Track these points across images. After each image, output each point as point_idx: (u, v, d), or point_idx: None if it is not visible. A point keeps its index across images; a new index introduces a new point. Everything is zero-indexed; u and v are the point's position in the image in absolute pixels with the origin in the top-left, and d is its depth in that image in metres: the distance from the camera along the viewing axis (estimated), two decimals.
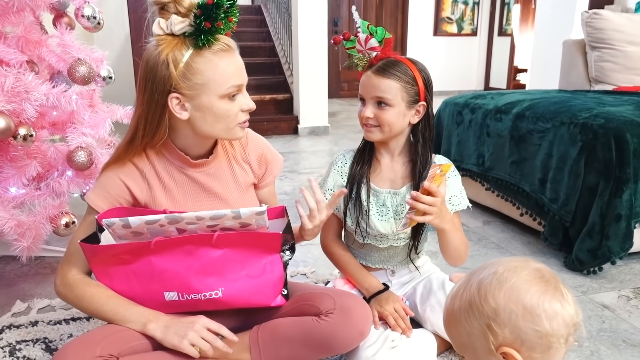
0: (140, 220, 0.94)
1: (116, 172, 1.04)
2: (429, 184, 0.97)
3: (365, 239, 1.21)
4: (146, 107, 0.96)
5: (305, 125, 4.70)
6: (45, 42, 1.72)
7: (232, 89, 0.96)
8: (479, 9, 8.15)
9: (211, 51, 0.94)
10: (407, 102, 1.11)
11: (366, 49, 1.12)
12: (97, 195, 1.04)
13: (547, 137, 1.86)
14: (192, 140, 1.04)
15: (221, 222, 0.97)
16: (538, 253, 1.91)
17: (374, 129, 1.13)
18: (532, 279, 0.61)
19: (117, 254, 0.99)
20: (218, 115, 0.97)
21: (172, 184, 1.07)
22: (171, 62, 0.92)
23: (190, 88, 0.94)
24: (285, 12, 5.03)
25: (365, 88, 1.13)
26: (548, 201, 1.84)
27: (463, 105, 2.38)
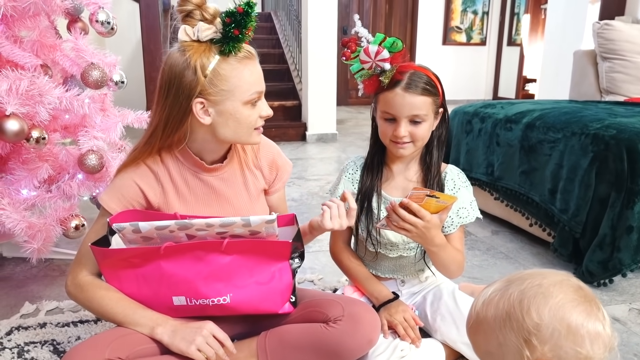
0: (151, 225, 0.95)
1: (131, 174, 1.05)
2: (408, 201, 0.97)
3: (377, 248, 1.20)
4: (168, 110, 0.98)
5: (313, 132, 4.71)
6: (59, 46, 1.74)
7: (255, 96, 0.99)
8: (488, 19, 8.15)
9: (236, 58, 0.96)
10: (434, 113, 1.11)
11: (376, 60, 1.10)
12: (110, 197, 1.04)
13: (557, 147, 1.85)
14: (209, 145, 1.05)
15: (231, 229, 0.97)
16: (548, 264, 1.90)
17: (407, 145, 1.11)
18: (578, 297, 0.60)
19: (127, 258, 1.00)
20: (240, 121, 0.99)
21: (185, 188, 1.08)
22: (199, 68, 0.94)
23: (216, 94, 0.96)
24: (295, 19, 5.06)
25: (399, 107, 1.07)
26: (558, 212, 1.83)
27: (473, 114, 2.37)
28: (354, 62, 1.13)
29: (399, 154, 1.13)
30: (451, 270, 1.13)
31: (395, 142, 1.11)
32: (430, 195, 0.96)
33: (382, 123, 1.13)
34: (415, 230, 1.00)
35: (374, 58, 1.09)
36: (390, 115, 1.10)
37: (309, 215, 2.45)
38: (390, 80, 1.08)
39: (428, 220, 0.99)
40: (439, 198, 0.97)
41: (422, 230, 1.00)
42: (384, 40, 1.09)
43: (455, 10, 8.01)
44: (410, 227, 0.99)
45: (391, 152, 1.15)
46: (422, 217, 0.98)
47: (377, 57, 1.08)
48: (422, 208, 0.98)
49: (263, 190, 1.17)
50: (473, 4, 8.10)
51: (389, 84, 1.09)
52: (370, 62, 1.10)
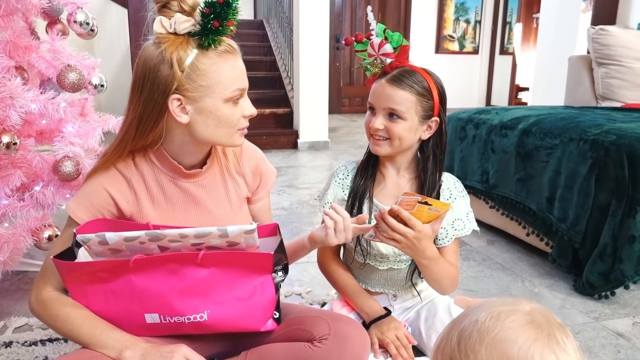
0: (118, 236, 0.87)
1: (100, 180, 0.96)
2: (398, 209, 0.89)
3: (366, 259, 1.12)
4: (142, 108, 0.90)
5: (305, 140, 4.64)
6: (35, 48, 1.66)
7: (237, 93, 0.92)
8: (480, 28, 8.17)
9: (216, 52, 0.89)
10: (420, 117, 1.04)
11: (379, 54, 1.05)
12: (78, 205, 0.96)
13: (555, 153, 1.78)
14: (187, 147, 0.97)
15: (207, 240, 0.89)
16: (545, 275, 1.83)
17: (382, 142, 1.05)
18: (520, 326, 0.50)
19: (94, 272, 0.91)
20: (221, 120, 0.92)
21: (161, 196, 1.00)
22: (175, 61, 0.87)
23: (194, 90, 0.89)
24: (287, 26, 5.02)
25: (376, 97, 1.04)
26: (556, 221, 1.76)
27: (467, 121, 2.31)
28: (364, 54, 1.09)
29: (374, 150, 1.08)
30: (444, 286, 1.06)
31: (372, 136, 1.07)
32: (423, 202, 0.88)
33: (367, 114, 1.09)
34: (405, 240, 0.92)
35: (377, 51, 1.05)
36: (371, 105, 1.07)
37: (298, 225, 2.37)
38: (382, 71, 1.05)
39: (419, 230, 0.91)
40: (431, 205, 0.89)
41: (412, 241, 0.92)
42: (384, 31, 1.05)
43: (448, 19, 8.03)
44: (399, 237, 0.92)
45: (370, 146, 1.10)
46: (413, 226, 0.91)
47: (380, 51, 1.04)
48: (413, 217, 0.90)
49: (246, 199, 1.10)
50: (465, 13, 8.12)
51: (379, 75, 1.05)
52: (375, 56, 1.06)
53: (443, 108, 1.06)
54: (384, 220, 0.90)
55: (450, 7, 8.02)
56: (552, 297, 1.66)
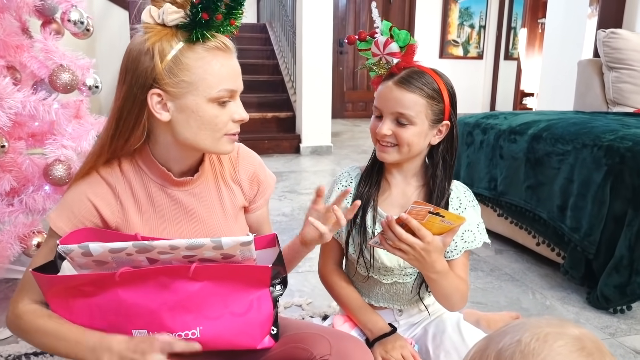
0: (103, 248, 0.80)
1: (83, 188, 0.89)
2: (407, 217, 0.81)
3: (369, 271, 1.05)
4: (122, 102, 0.84)
5: (307, 145, 4.58)
6: (28, 47, 1.60)
7: (224, 93, 0.84)
8: (485, 33, 8.11)
9: (205, 47, 0.82)
10: (430, 121, 0.97)
11: (384, 53, 0.97)
12: (59, 215, 0.89)
13: (567, 160, 1.71)
14: (172, 150, 0.90)
15: (200, 252, 0.82)
16: (557, 287, 1.75)
17: (390, 149, 0.98)
18: (569, 352, 0.45)
19: (77, 286, 0.84)
20: (204, 121, 0.84)
21: (149, 205, 0.93)
22: (157, 53, 0.80)
23: (175, 85, 0.82)
24: (290, 30, 4.97)
25: (384, 101, 0.96)
26: (569, 230, 1.69)
27: (474, 125, 2.24)
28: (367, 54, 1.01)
29: (381, 157, 1.00)
30: (453, 302, 0.98)
31: (379, 142, 0.99)
32: (435, 212, 0.81)
33: (372, 119, 1.01)
34: (413, 252, 0.85)
35: (382, 50, 0.97)
36: (377, 111, 0.99)
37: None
38: (389, 72, 0.97)
39: (429, 241, 0.84)
40: (444, 217, 0.82)
41: (420, 253, 0.85)
42: (390, 29, 0.97)
43: (452, 24, 7.97)
44: (407, 247, 0.84)
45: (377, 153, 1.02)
46: (422, 237, 0.83)
47: (386, 50, 0.97)
48: (423, 227, 0.83)
49: (242, 208, 1.03)
50: (470, 18, 8.07)
51: (386, 77, 0.97)
52: (379, 55, 0.98)
53: (454, 111, 1.00)
54: (390, 229, 0.83)
55: (454, 12, 7.97)
56: (565, 310, 1.58)
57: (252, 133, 4.58)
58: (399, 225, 0.83)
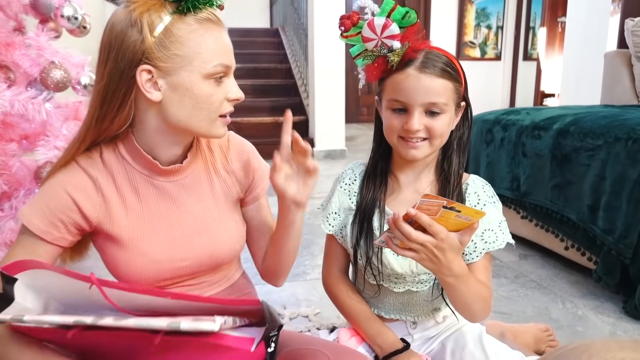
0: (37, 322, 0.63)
1: (60, 179, 0.80)
2: (416, 213, 0.69)
3: (378, 280, 0.93)
4: (107, 81, 0.75)
5: (320, 148, 4.48)
6: (19, 45, 1.53)
7: (220, 68, 0.77)
8: (502, 33, 7.93)
9: (196, 19, 0.75)
10: (455, 105, 0.86)
11: (382, 37, 0.85)
12: (33, 210, 0.79)
13: (598, 155, 1.56)
14: (162, 136, 0.81)
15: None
16: (589, 295, 1.60)
17: (420, 144, 0.85)
18: None
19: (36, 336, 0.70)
20: (199, 99, 0.76)
21: (134, 198, 0.83)
22: (146, 24, 0.72)
23: (167, 59, 0.74)
24: (302, 33, 4.90)
25: (411, 92, 0.82)
26: (601, 232, 1.54)
27: (493, 122, 2.11)
28: (354, 40, 0.88)
29: (410, 155, 0.86)
30: (474, 311, 0.85)
31: (405, 139, 0.85)
32: (449, 207, 0.68)
33: (389, 115, 0.86)
34: (425, 251, 0.72)
35: (380, 34, 0.84)
36: (400, 104, 0.84)
37: (310, 237, 2.18)
38: (401, 59, 0.83)
39: (442, 238, 0.71)
40: (460, 212, 0.69)
41: (433, 252, 0.72)
42: (393, 9, 0.83)
43: (469, 25, 7.82)
44: (417, 246, 0.71)
45: (399, 154, 0.89)
46: (435, 233, 0.70)
47: (385, 33, 0.83)
48: (435, 222, 0.70)
49: (238, 201, 0.93)
50: (487, 19, 7.91)
51: (400, 64, 0.83)
52: (375, 40, 0.84)
53: (466, 87, 0.88)
54: (397, 227, 0.71)
55: (470, 12, 7.81)
56: (600, 321, 1.43)
57: (264, 137, 4.49)
58: (407, 222, 0.70)
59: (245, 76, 5.24)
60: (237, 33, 6.08)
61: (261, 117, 4.69)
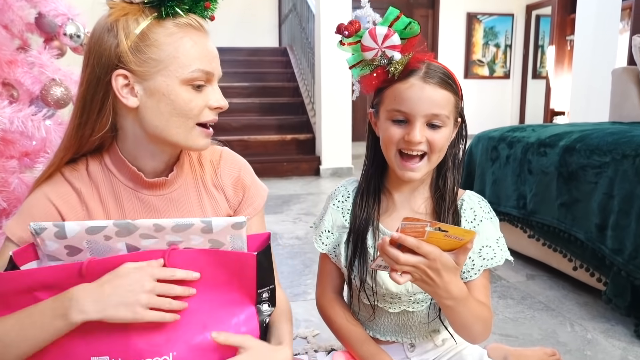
0: (81, 226, 0.69)
1: (45, 191, 0.79)
2: (399, 236, 0.66)
3: (373, 300, 0.90)
4: (86, 87, 0.75)
5: (327, 167, 4.47)
6: (22, 63, 1.54)
7: (198, 74, 0.74)
8: (511, 52, 7.95)
9: (175, 23, 0.74)
10: (454, 119, 0.84)
11: (383, 46, 0.82)
12: (17, 222, 0.78)
13: (605, 173, 1.53)
14: (144, 146, 0.79)
15: (186, 236, 0.72)
16: (599, 318, 1.54)
17: (417, 163, 0.83)
18: None
19: (32, 290, 0.72)
20: (175, 106, 0.74)
21: (118, 212, 0.81)
22: (121, 28, 0.72)
23: (142, 63, 0.72)
24: (310, 52, 4.94)
25: (415, 102, 0.80)
26: (610, 252, 1.49)
27: (499, 140, 2.08)
28: (351, 49, 0.86)
29: (406, 177, 0.83)
30: (474, 333, 0.81)
31: (404, 157, 0.83)
32: (434, 228, 0.65)
33: (389, 126, 0.83)
34: (418, 272, 0.69)
35: (380, 44, 0.81)
36: (402, 115, 0.81)
37: (312, 256, 2.15)
38: (404, 68, 0.80)
39: (434, 258, 0.67)
40: (447, 232, 0.66)
41: (427, 273, 0.68)
42: (396, 19, 0.81)
43: (477, 43, 7.85)
44: (410, 269, 0.68)
45: (395, 170, 0.86)
46: (426, 254, 0.67)
47: (385, 43, 0.81)
48: (423, 243, 0.67)
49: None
50: (495, 38, 7.94)
51: (402, 74, 0.81)
52: (375, 49, 0.81)
53: (462, 103, 0.87)
54: (385, 252, 0.68)
55: (478, 31, 7.85)
56: (610, 345, 1.37)
57: (270, 155, 4.50)
58: (394, 247, 0.67)
59: (253, 94, 5.28)
60: (245, 52, 6.15)
61: (268, 135, 4.70)
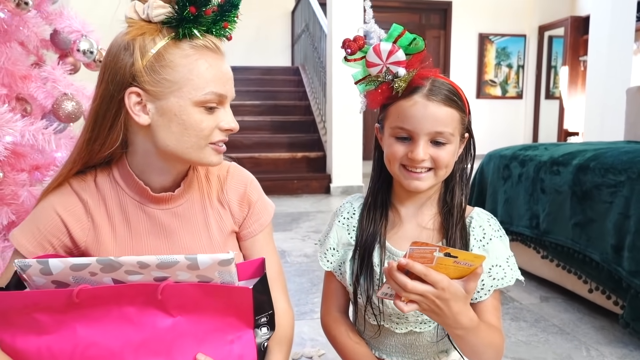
0: (65, 263, 0.68)
1: (52, 201, 0.79)
2: (407, 262, 0.64)
3: (379, 320, 0.87)
4: (99, 103, 0.76)
5: (337, 185, 4.45)
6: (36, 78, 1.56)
7: (211, 97, 0.75)
8: (524, 72, 7.93)
9: (191, 45, 0.74)
10: (460, 135, 0.83)
11: (387, 62, 0.82)
12: (23, 232, 0.78)
13: (620, 192, 1.49)
14: (152, 161, 0.79)
15: (172, 272, 0.70)
16: (616, 342, 1.48)
17: (424, 175, 0.81)
18: None
19: (31, 312, 0.71)
20: (187, 126, 0.74)
21: (123, 224, 0.81)
22: (138, 48, 0.73)
23: (156, 84, 0.73)
24: (321, 71, 4.97)
25: (418, 120, 0.79)
26: (627, 274, 1.44)
27: (511, 158, 2.05)
28: (356, 65, 0.85)
29: (412, 186, 0.82)
30: (486, 359, 0.78)
31: (408, 169, 0.81)
32: (443, 253, 0.63)
33: (393, 143, 0.82)
34: (426, 302, 0.67)
35: (385, 60, 0.80)
36: (405, 132, 0.80)
37: (320, 274, 2.12)
38: (408, 85, 0.79)
39: (443, 287, 0.65)
40: (457, 257, 0.64)
41: (436, 303, 0.66)
42: (401, 35, 0.80)
43: (489, 64, 7.85)
44: (417, 297, 0.66)
45: (401, 185, 0.84)
46: (434, 282, 0.65)
47: (390, 59, 0.80)
48: (432, 270, 0.65)
49: (233, 234, 0.89)
50: (507, 58, 7.95)
51: (406, 91, 0.80)
52: (380, 65, 0.81)
53: (469, 118, 0.85)
54: (392, 278, 0.65)
55: (490, 52, 7.86)
56: None
57: (281, 173, 4.50)
58: (402, 272, 0.65)
59: (265, 112, 5.32)
60: (258, 71, 6.22)
61: (279, 153, 4.71)
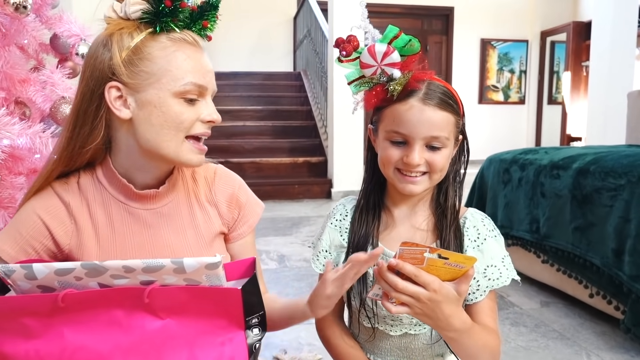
0: (49, 268, 0.68)
1: (33, 205, 0.78)
2: (397, 262, 0.63)
3: (373, 322, 0.86)
4: (79, 100, 0.76)
5: (339, 189, 4.44)
6: (34, 81, 1.57)
7: (190, 87, 0.74)
8: (526, 77, 7.93)
9: (170, 37, 0.75)
10: (455, 138, 0.82)
11: (382, 64, 0.81)
12: (5, 237, 0.77)
13: (621, 196, 1.48)
14: (136, 159, 0.78)
15: (159, 276, 0.68)
16: (617, 348, 1.46)
17: (419, 179, 0.81)
18: None
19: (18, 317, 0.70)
20: (167, 118, 0.74)
21: (107, 226, 0.80)
22: (115, 42, 0.74)
23: (134, 76, 0.73)
24: (323, 76, 4.98)
25: (414, 124, 0.78)
26: (628, 279, 1.43)
27: (511, 162, 2.04)
28: (350, 65, 0.84)
29: (407, 190, 0.81)
30: None
31: (402, 172, 0.81)
32: (433, 254, 0.62)
33: (387, 146, 0.81)
34: (418, 305, 0.66)
35: (380, 61, 0.79)
36: (401, 136, 0.79)
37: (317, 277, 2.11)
38: (403, 88, 0.78)
39: (435, 289, 0.64)
40: (448, 259, 0.63)
41: (428, 305, 0.65)
42: (396, 37, 0.79)
43: (491, 69, 7.85)
44: (408, 299, 0.65)
45: (395, 187, 0.83)
46: (426, 284, 0.64)
47: (385, 61, 0.79)
48: (423, 271, 0.64)
49: (221, 235, 0.88)
50: (509, 63, 7.95)
51: (401, 94, 0.79)
52: (374, 67, 0.80)
53: (464, 120, 0.84)
54: (382, 278, 0.65)
55: (492, 57, 7.86)
56: None
57: (282, 177, 4.50)
58: (391, 271, 0.64)
59: (267, 118, 5.33)
60: (260, 76, 6.24)
61: (280, 158, 4.71)
